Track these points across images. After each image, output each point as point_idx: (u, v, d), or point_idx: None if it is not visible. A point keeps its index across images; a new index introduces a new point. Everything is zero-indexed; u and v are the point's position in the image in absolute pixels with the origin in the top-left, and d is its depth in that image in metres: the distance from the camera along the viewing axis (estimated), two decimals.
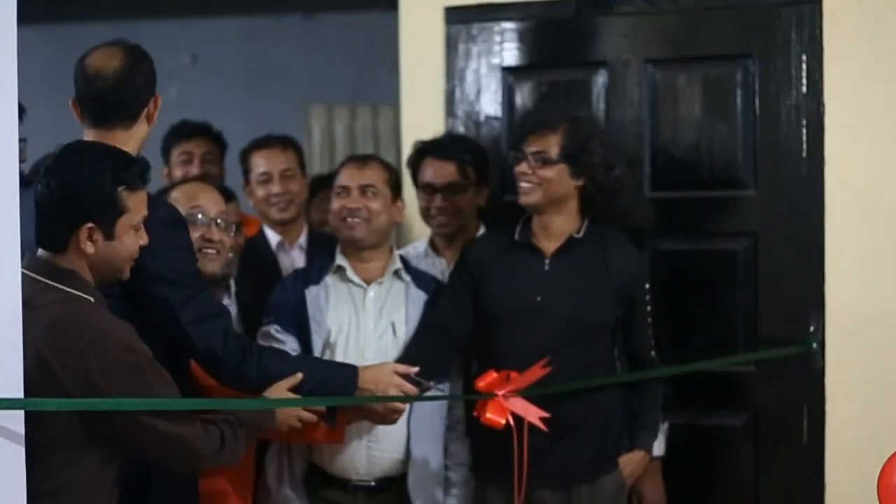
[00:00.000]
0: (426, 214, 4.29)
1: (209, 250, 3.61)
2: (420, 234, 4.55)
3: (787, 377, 4.33)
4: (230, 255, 3.80)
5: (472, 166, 4.28)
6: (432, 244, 4.35)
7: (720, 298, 4.42)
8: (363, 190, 3.87)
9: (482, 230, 4.31)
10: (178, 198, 3.64)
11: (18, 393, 2.65)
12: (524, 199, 3.81)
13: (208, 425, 3.00)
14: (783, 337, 4.31)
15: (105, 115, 3.19)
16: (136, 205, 2.93)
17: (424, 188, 4.27)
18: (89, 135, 3.19)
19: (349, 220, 3.86)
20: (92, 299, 2.89)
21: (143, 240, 2.97)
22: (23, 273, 2.79)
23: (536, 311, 3.78)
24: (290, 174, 4.72)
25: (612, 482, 3.84)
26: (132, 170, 2.93)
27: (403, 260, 4.00)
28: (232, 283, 3.86)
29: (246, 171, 4.81)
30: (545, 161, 3.76)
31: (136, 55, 3.26)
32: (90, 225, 2.86)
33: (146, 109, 3.23)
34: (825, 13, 4.25)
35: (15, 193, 2.63)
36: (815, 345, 4.25)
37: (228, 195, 4.20)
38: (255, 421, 3.17)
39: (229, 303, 3.83)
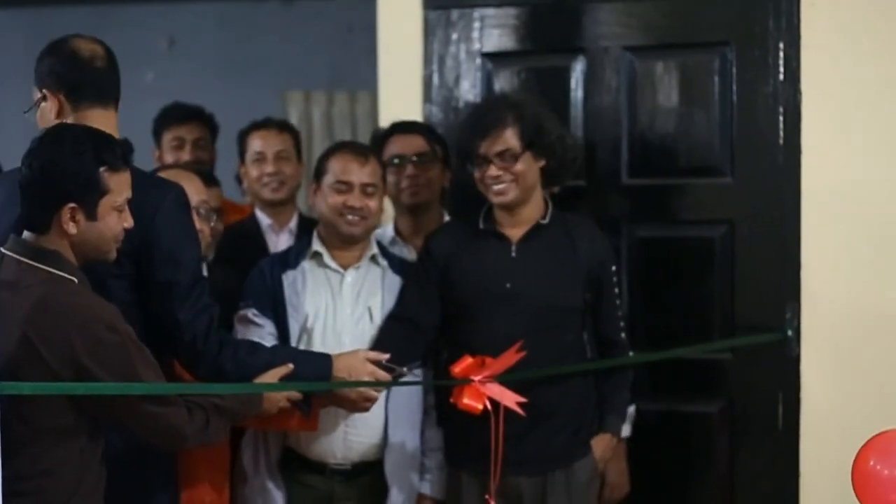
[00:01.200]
0: (396, 189, 4.24)
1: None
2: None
3: (762, 364, 4.34)
4: (208, 241, 3.86)
5: (437, 143, 4.31)
6: (398, 232, 4.33)
7: (696, 286, 4.42)
8: (364, 188, 3.85)
9: (446, 218, 4.31)
10: None
11: None
12: (501, 199, 3.79)
13: (194, 407, 3.01)
14: (759, 324, 4.32)
15: (104, 94, 3.25)
16: (119, 186, 2.94)
17: (393, 160, 4.23)
18: (84, 119, 3.20)
19: (350, 217, 3.84)
20: (76, 280, 2.90)
21: (128, 222, 2.97)
22: (7, 255, 2.87)
23: (507, 298, 3.78)
24: (284, 155, 4.76)
25: (586, 466, 3.86)
26: (114, 150, 2.94)
27: (380, 245, 3.99)
28: (204, 267, 3.85)
29: (242, 153, 4.83)
30: (514, 157, 3.75)
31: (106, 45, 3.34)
32: (72, 205, 2.87)
33: None
34: (803, 1, 4.25)
35: None
36: (790, 332, 4.26)
37: (211, 180, 4.19)
38: (240, 408, 3.19)
39: None
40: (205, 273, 3.80)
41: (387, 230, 4.35)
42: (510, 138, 3.75)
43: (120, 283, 3.10)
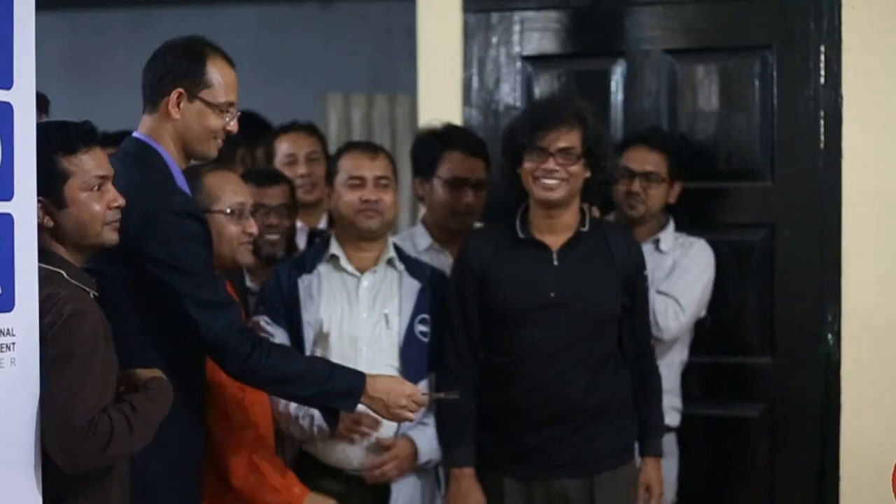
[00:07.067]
0: (452, 211, 4.13)
1: (248, 243, 3.61)
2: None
3: (802, 369, 4.32)
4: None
5: (489, 163, 4.18)
6: (434, 237, 4.22)
7: (736, 289, 4.41)
8: (377, 181, 3.85)
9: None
10: (213, 189, 3.60)
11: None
12: (549, 195, 3.74)
13: (114, 414, 2.77)
14: (799, 329, 4.31)
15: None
16: (83, 166, 2.86)
17: (453, 183, 4.11)
18: None
19: (366, 211, 3.83)
20: (63, 272, 2.84)
21: (112, 198, 2.91)
22: None
23: (550, 306, 3.75)
24: (315, 157, 4.78)
25: (630, 472, 3.85)
26: (64, 132, 2.86)
27: (397, 248, 3.96)
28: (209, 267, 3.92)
29: (270, 156, 4.83)
30: (576, 157, 3.73)
31: (160, 48, 3.36)
32: (39, 199, 2.78)
33: (165, 100, 3.26)
34: (844, 4, 4.25)
35: (33, 184, 2.65)
36: (831, 337, 4.25)
37: (279, 178, 4.20)
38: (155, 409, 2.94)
39: None
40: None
41: (419, 235, 4.24)
42: (574, 138, 3.71)
43: (112, 281, 3.09)
